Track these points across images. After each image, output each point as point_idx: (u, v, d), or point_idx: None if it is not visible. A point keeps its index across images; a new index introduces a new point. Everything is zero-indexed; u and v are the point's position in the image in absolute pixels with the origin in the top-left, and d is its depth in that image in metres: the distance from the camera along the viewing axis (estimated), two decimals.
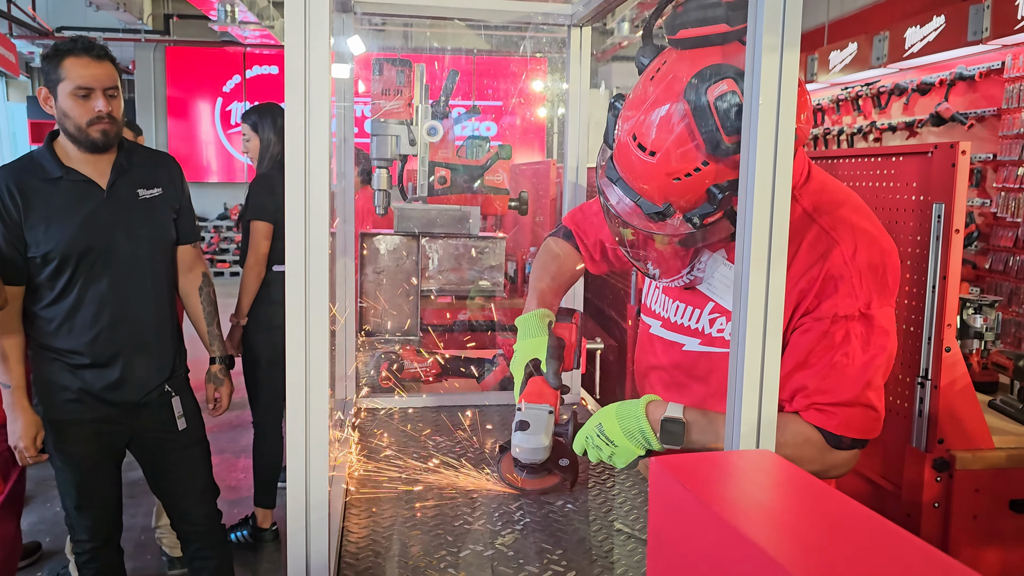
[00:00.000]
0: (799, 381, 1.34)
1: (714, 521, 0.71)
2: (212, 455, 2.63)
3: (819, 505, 0.74)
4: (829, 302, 1.32)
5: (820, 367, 1.32)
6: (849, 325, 1.32)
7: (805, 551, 0.64)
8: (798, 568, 0.61)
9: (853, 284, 1.32)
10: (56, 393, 2.30)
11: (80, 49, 2.20)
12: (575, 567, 1.33)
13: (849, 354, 1.31)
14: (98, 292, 2.27)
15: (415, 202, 2.55)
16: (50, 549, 3.61)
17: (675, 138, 1.26)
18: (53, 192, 2.23)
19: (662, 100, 1.27)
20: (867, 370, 1.32)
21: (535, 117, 10.72)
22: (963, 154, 1.70)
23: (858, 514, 0.72)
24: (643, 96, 1.31)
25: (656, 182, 1.29)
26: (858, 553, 0.65)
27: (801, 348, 1.34)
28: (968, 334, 2.21)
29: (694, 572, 0.75)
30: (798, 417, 1.34)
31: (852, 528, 0.70)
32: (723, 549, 0.70)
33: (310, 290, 1.01)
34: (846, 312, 1.32)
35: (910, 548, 0.65)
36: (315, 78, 0.98)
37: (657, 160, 1.28)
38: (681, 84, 1.24)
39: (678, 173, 1.27)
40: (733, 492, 0.76)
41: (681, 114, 1.25)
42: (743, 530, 0.67)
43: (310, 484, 1.04)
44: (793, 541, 0.67)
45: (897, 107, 6.25)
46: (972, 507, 1.84)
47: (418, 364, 2.30)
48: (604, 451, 1.42)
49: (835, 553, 0.65)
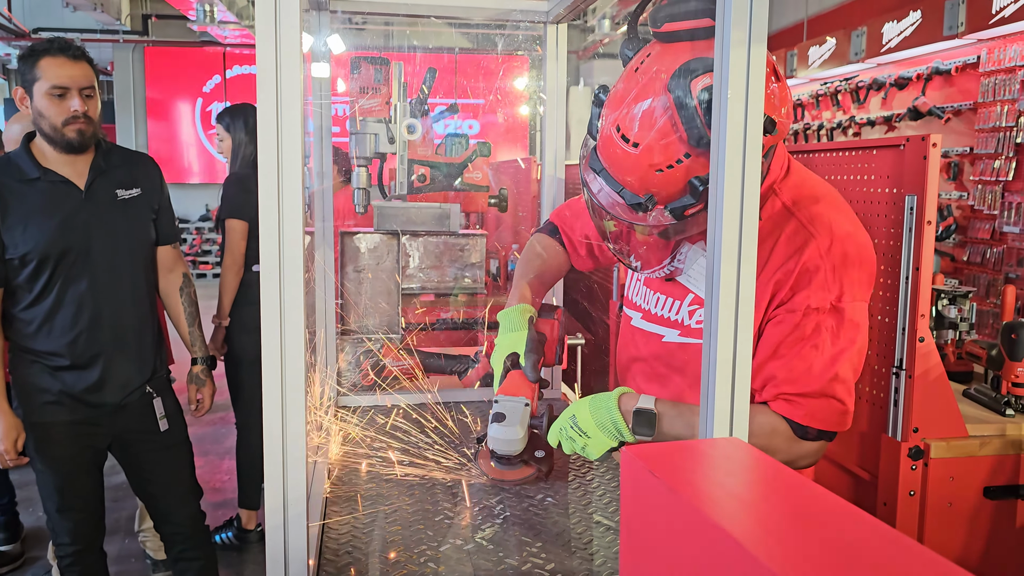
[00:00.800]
0: (769, 371, 1.36)
1: (684, 509, 0.72)
2: (196, 457, 2.62)
3: (788, 493, 0.75)
4: (802, 294, 1.34)
5: (789, 358, 1.34)
6: (820, 318, 1.34)
7: (774, 538, 0.66)
8: (767, 555, 0.62)
9: (826, 277, 1.34)
10: (36, 396, 2.29)
11: (56, 49, 2.19)
12: (554, 559, 1.34)
13: (818, 346, 1.33)
14: (77, 293, 2.27)
15: (395, 200, 2.55)
16: (33, 555, 3.58)
17: (658, 130, 1.27)
18: (30, 193, 2.22)
19: (646, 92, 1.29)
20: (835, 363, 1.34)
21: (518, 115, 10.72)
22: (934, 147, 1.73)
23: (827, 501, 0.73)
24: (627, 88, 1.32)
25: (638, 173, 1.31)
26: (827, 540, 0.66)
27: (773, 339, 1.36)
28: (943, 324, 2.24)
29: (666, 560, 0.76)
30: (766, 408, 1.36)
31: (821, 515, 0.71)
32: (693, 536, 0.71)
33: (284, 289, 1.02)
34: (818, 304, 1.33)
35: (878, 534, 0.67)
36: (286, 76, 0.99)
37: (640, 151, 1.29)
38: (665, 77, 1.26)
39: (660, 165, 1.28)
40: (703, 480, 0.77)
41: (664, 106, 1.26)
42: (712, 517, 0.68)
43: (287, 482, 1.04)
44: (762, 528, 0.68)
45: (875, 101, 6.30)
46: (947, 495, 1.87)
47: (399, 362, 2.31)
48: (577, 442, 1.44)
49: (804, 540, 0.65)
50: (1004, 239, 4.81)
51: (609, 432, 1.41)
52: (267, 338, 1.02)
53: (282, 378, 1.02)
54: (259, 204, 1.00)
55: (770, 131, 1.26)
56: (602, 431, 1.41)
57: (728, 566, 0.64)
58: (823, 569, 0.60)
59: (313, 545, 1.31)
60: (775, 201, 1.42)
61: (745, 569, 0.62)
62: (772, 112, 1.30)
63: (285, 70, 0.98)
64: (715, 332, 1.07)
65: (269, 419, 1.03)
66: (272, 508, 1.06)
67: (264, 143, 1.00)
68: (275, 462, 1.04)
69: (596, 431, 1.41)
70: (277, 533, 1.06)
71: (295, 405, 1.03)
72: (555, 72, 2.17)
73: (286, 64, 0.99)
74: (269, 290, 1.02)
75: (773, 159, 1.41)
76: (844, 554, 0.62)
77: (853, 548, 0.63)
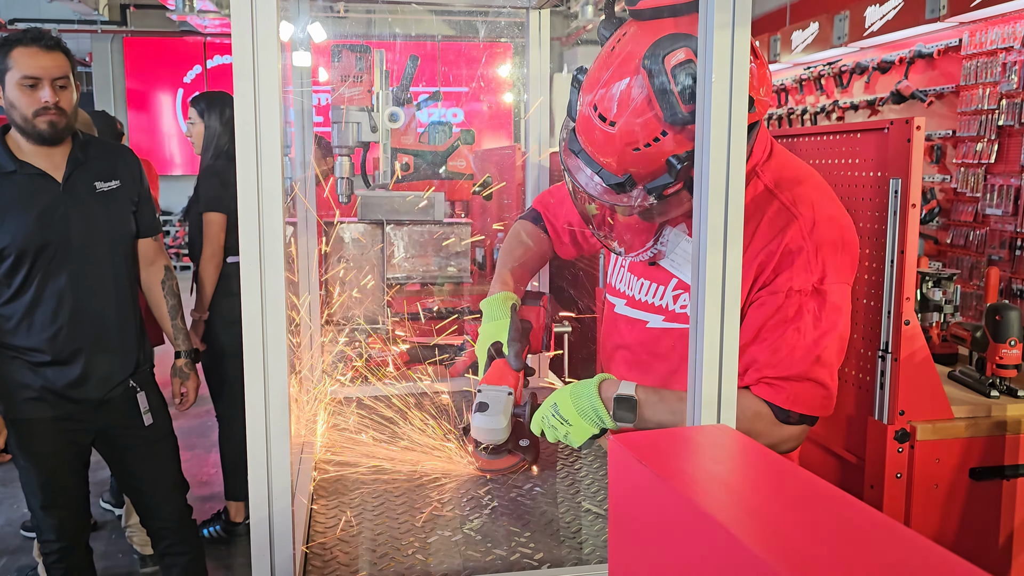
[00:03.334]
0: (751, 355, 1.35)
1: (672, 497, 0.71)
2: (182, 451, 2.60)
3: (776, 478, 0.75)
4: (784, 275, 1.34)
5: (771, 341, 1.34)
6: (802, 300, 1.33)
7: (763, 525, 0.65)
8: (755, 542, 0.61)
9: (809, 259, 1.33)
10: (17, 392, 2.26)
11: (29, 39, 2.16)
12: (542, 548, 1.34)
13: (800, 329, 1.33)
14: (57, 288, 2.23)
15: (379, 189, 2.53)
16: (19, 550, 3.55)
17: (634, 108, 1.26)
18: (7, 186, 2.19)
19: (622, 71, 1.28)
20: (817, 346, 1.33)
21: (502, 103, 10.68)
22: (918, 129, 1.72)
23: (815, 487, 0.73)
24: (604, 67, 1.31)
25: (616, 153, 1.30)
26: (816, 526, 0.65)
27: (755, 322, 1.35)
28: (928, 307, 2.24)
29: (654, 547, 0.76)
30: (748, 392, 1.36)
31: (809, 501, 0.71)
32: (682, 524, 0.70)
33: (265, 281, 1.00)
34: (800, 286, 1.33)
35: (866, 519, 0.66)
36: (264, 65, 0.97)
37: (617, 130, 1.28)
38: (640, 55, 1.25)
39: (638, 143, 1.27)
40: (691, 467, 0.76)
41: (640, 85, 1.25)
42: (701, 505, 0.67)
43: (271, 476, 1.03)
44: (750, 514, 0.67)
45: (859, 86, 6.31)
46: (933, 476, 1.88)
47: (385, 352, 2.29)
48: (560, 430, 1.43)
49: (793, 526, 0.65)
50: (987, 221, 4.83)
51: (590, 419, 1.40)
52: (248, 331, 1.00)
53: (264, 371, 1.01)
54: (238, 195, 0.99)
55: (749, 109, 1.25)
56: (583, 418, 1.40)
57: (717, 554, 0.64)
58: (812, 555, 0.60)
59: (299, 538, 1.30)
60: (757, 183, 1.41)
61: (734, 556, 0.62)
62: (751, 91, 1.29)
63: (262, 59, 0.97)
64: (702, 317, 1.06)
65: (252, 413, 1.02)
66: (256, 502, 1.04)
67: (242, 133, 0.98)
68: (259, 456, 1.03)
69: (577, 419, 1.41)
70: (262, 527, 1.05)
71: (278, 398, 1.02)
72: (538, 58, 2.15)
73: (263, 53, 0.97)
74: (250, 282, 1.00)
75: (755, 141, 1.40)
76: (833, 539, 0.62)
77: (842, 533, 0.63)
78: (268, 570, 1.08)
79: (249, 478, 1.04)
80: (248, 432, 1.02)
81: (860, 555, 0.59)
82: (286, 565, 1.09)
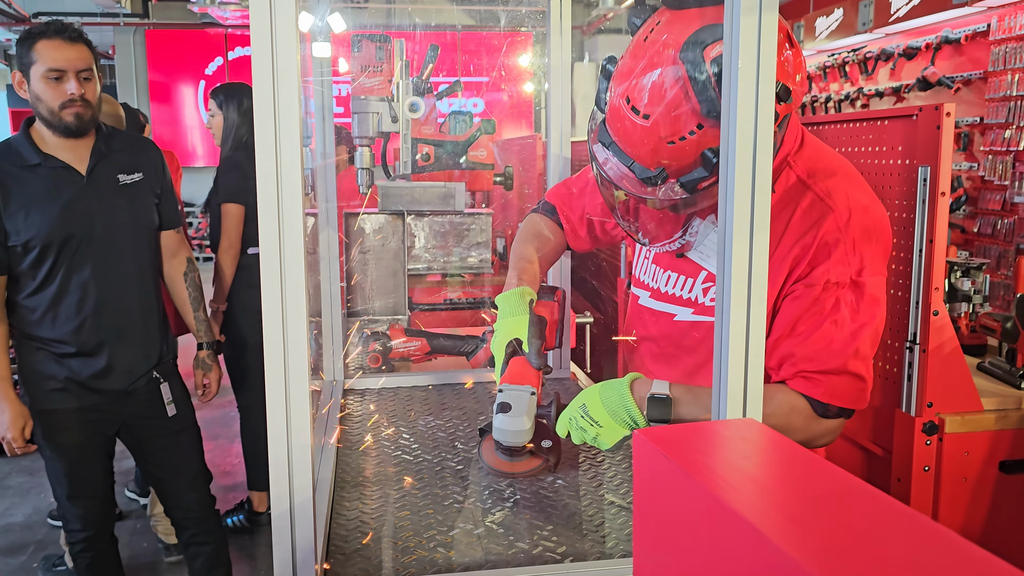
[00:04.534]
0: (787, 349, 1.33)
1: (698, 493, 0.70)
2: (206, 441, 2.62)
3: (804, 473, 0.73)
4: (821, 268, 1.31)
5: (808, 334, 1.31)
6: (840, 292, 1.31)
7: (790, 521, 0.64)
8: (783, 539, 0.60)
9: (846, 251, 1.31)
10: (42, 383, 2.29)
11: (53, 32, 2.17)
12: (565, 542, 1.33)
13: (838, 322, 1.30)
14: (81, 280, 2.25)
15: (399, 180, 2.52)
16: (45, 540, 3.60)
17: (669, 100, 1.23)
18: (32, 179, 2.20)
19: (656, 61, 1.24)
20: (855, 338, 1.31)
21: (522, 92, 10.63)
22: (948, 116, 1.69)
23: (844, 483, 0.71)
24: (636, 58, 1.28)
25: (650, 146, 1.27)
26: (845, 522, 0.64)
27: (790, 315, 1.33)
28: (956, 297, 2.20)
29: (680, 543, 0.74)
30: (784, 387, 1.34)
31: (838, 497, 0.69)
32: (707, 519, 0.69)
33: (285, 272, 0.99)
34: (837, 279, 1.30)
35: (896, 515, 0.65)
36: (282, 55, 0.96)
37: (651, 123, 1.25)
38: (676, 45, 1.22)
39: (672, 136, 1.25)
40: (717, 462, 0.75)
41: (676, 76, 1.22)
42: (727, 500, 0.66)
43: (292, 470, 1.03)
44: (778, 510, 0.66)
45: (884, 72, 6.22)
46: (962, 470, 1.85)
47: (406, 343, 2.29)
48: (589, 432, 1.39)
49: (821, 523, 0.64)
50: (1015, 210, 4.75)
51: (622, 420, 1.37)
52: (268, 324, 1.00)
53: (285, 364, 1.00)
54: (257, 187, 0.98)
55: (785, 99, 1.22)
56: (615, 420, 1.37)
57: (744, 551, 0.63)
58: (841, 552, 0.58)
59: (321, 531, 1.30)
60: (789, 174, 1.38)
61: (762, 554, 0.61)
62: (786, 79, 1.26)
63: (281, 49, 0.96)
64: (727, 310, 1.04)
65: (272, 406, 1.01)
66: (277, 495, 1.04)
67: (261, 124, 0.97)
68: (280, 450, 1.02)
69: (609, 420, 1.37)
70: (283, 520, 1.05)
71: (299, 391, 1.01)
72: (559, 47, 2.12)
73: (281, 43, 0.96)
74: (270, 274, 1.00)
75: (787, 130, 1.37)
76: (862, 537, 0.60)
77: (871, 530, 0.61)
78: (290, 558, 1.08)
79: (271, 473, 1.03)
80: (269, 427, 1.02)
81: (890, 552, 0.58)
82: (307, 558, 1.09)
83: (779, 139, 1.32)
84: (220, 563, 2.64)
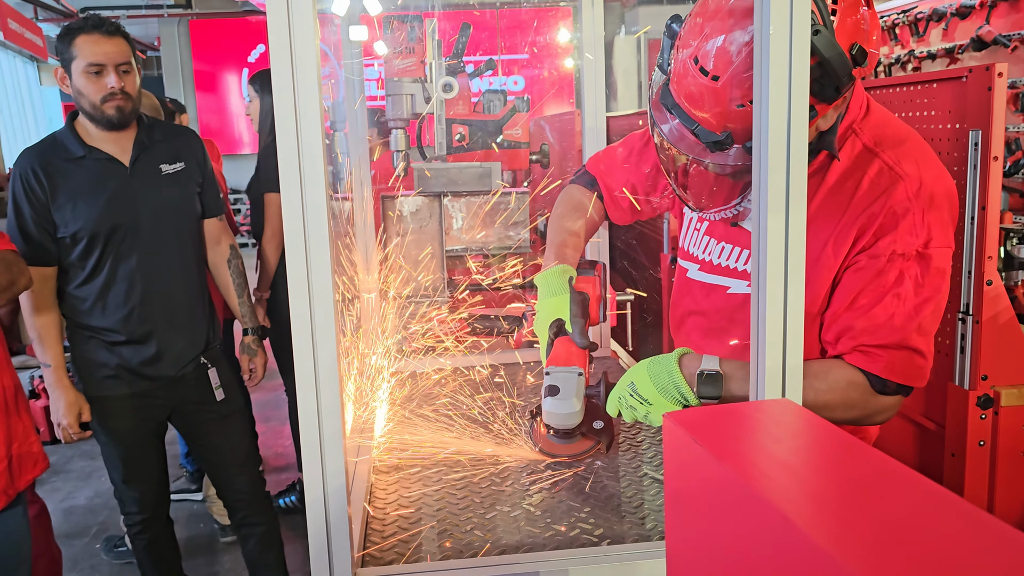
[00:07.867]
0: (845, 321, 1.28)
1: (728, 478, 0.67)
2: (258, 423, 2.65)
3: (840, 458, 0.70)
4: (887, 239, 1.26)
5: (869, 307, 1.26)
6: (905, 264, 1.25)
7: (824, 509, 0.61)
8: (817, 531, 0.57)
9: (915, 221, 1.25)
10: (95, 370, 2.34)
11: (91, 26, 2.19)
12: (603, 524, 1.31)
13: (901, 295, 1.25)
14: (128, 269, 2.29)
15: (435, 161, 2.51)
16: (107, 522, 3.72)
17: (743, 61, 1.18)
18: (77, 171, 2.24)
19: (726, 22, 1.20)
20: (918, 313, 1.26)
21: (562, 68, 10.50)
22: (1000, 76, 1.61)
23: (885, 469, 0.68)
24: (705, 17, 1.23)
25: (718, 108, 1.23)
26: (884, 512, 0.60)
27: (851, 287, 1.28)
28: (1013, 265, 2.12)
29: (712, 529, 0.72)
30: (841, 361, 1.29)
31: (878, 485, 0.66)
32: (738, 508, 0.66)
33: (311, 260, 0.99)
34: (904, 250, 1.25)
35: (941, 504, 0.61)
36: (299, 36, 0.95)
37: (721, 84, 1.21)
38: (749, 2, 1.17)
39: (743, 99, 1.20)
40: (749, 447, 0.73)
41: (750, 35, 1.17)
42: (758, 488, 0.64)
43: (324, 453, 1.03)
44: (811, 499, 0.63)
45: (936, 34, 5.98)
46: (1019, 444, 1.78)
47: (447, 324, 2.29)
48: (639, 410, 1.36)
49: (858, 513, 0.60)
50: None
51: (672, 397, 1.33)
52: (295, 310, 1.00)
53: (314, 353, 1.00)
54: (280, 180, 0.98)
55: (860, 62, 1.17)
56: (665, 396, 1.34)
57: (776, 542, 0.60)
58: (876, 544, 0.55)
59: (358, 514, 1.30)
60: (855, 142, 1.33)
61: (794, 545, 0.58)
62: (862, 40, 1.21)
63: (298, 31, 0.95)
64: (763, 284, 1.01)
65: (303, 393, 1.02)
66: (311, 481, 1.05)
67: (281, 110, 0.96)
68: (312, 436, 1.03)
69: (658, 397, 1.34)
70: (317, 505, 1.06)
71: (328, 378, 1.01)
72: (591, 21, 2.08)
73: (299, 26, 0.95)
74: (295, 263, 1.00)
75: (852, 97, 1.31)
76: (901, 527, 0.57)
77: (911, 520, 0.58)
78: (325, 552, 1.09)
79: (303, 460, 1.04)
80: (300, 412, 1.02)
81: (931, 545, 0.55)
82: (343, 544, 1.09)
83: (844, 107, 1.27)
84: (272, 543, 2.69)
